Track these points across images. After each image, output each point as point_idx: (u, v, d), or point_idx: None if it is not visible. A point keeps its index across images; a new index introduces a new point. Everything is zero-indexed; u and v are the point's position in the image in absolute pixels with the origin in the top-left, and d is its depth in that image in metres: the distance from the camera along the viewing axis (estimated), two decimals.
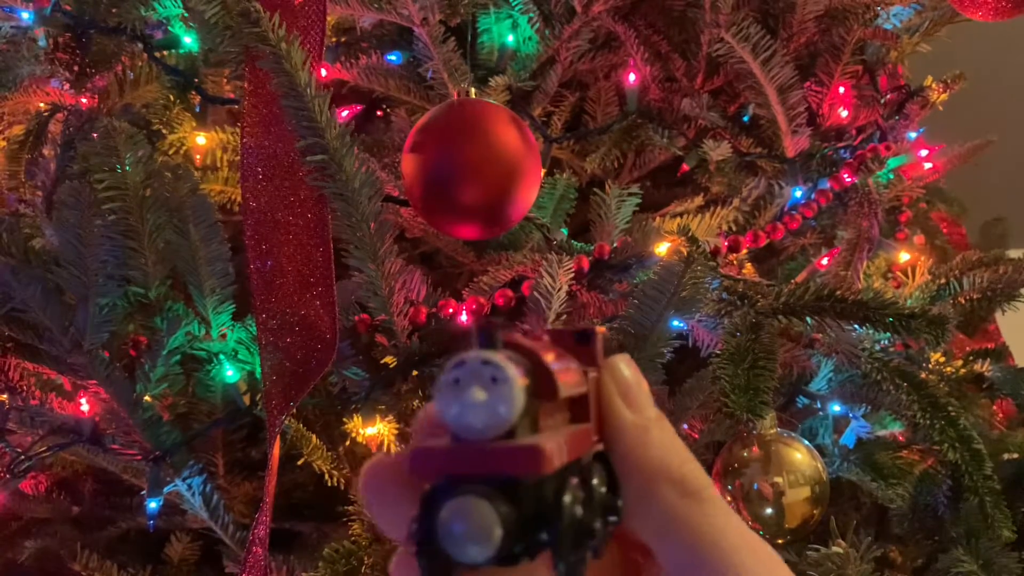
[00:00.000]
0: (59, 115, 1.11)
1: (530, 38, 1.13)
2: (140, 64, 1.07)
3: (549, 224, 1.01)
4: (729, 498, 0.88)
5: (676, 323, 0.89)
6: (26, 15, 1.03)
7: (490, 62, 1.15)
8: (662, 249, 0.93)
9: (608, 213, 1.04)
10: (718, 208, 1.08)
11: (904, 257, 1.26)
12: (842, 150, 1.13)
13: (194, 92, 1.13)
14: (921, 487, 1.01)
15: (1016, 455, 1.08)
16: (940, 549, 0.97)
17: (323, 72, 0.99)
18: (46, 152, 1.12)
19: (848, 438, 1.06)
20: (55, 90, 1.08)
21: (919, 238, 1.37)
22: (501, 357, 0.27)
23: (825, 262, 1.18)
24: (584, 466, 0.30)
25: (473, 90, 0.91)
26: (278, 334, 0.86)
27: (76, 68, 1.03)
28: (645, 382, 0.33)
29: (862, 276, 1.12)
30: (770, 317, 0.85)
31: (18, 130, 1.13)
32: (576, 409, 0.31)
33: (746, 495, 0.87)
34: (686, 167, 1.14)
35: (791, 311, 0.85)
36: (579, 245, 0.97)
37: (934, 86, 1.26)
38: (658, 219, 1.06)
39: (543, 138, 1.09)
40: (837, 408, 1.04)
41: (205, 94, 1.11)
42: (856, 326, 0.86)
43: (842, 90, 1.16)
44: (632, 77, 1.12)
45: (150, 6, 1.01)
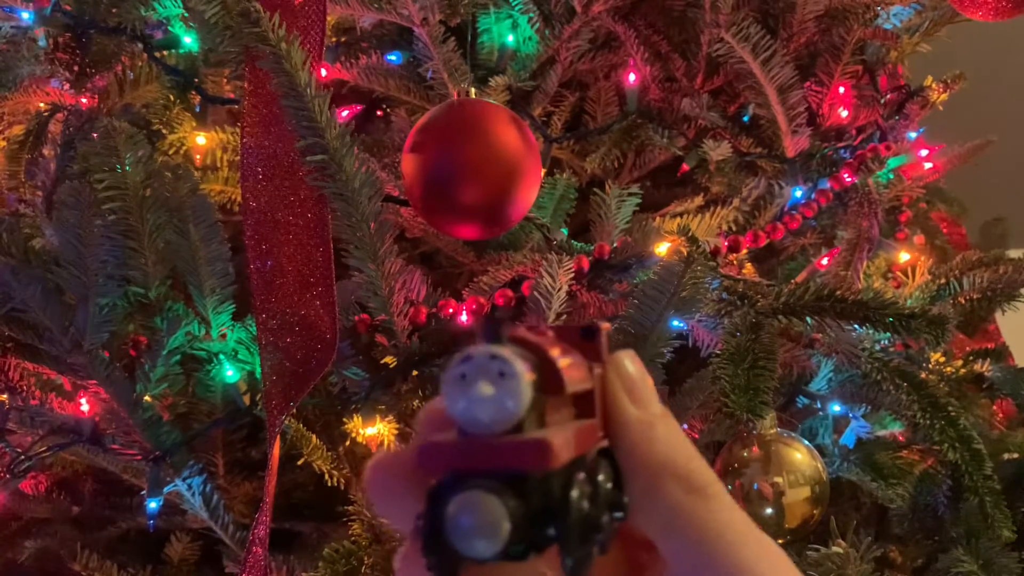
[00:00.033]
0: (59, 115, 1.11)
1: (530, 38, 1.13)
2: (140, 64, 1.06)
3: (549, 224, 1.01)
4: None
5: (676, 323, 0.89)
6: (26, 15, 1.03)
7: (490, 62, 1.15)
8: (662, 249, 0.93)
9: (608, 213, 1.04)
10: (718, 208, 1.08)
11: (904, 257, 1.26)
12: (842, 150, 1.13)
13: (194, 92, 1.12)
14: (921, 487, 1.01)
15: (1016, 455, 1.08)
16: (940, 549, 0.97)
17: (323, 72, 0.99)
18: (46, 152, 1.12)
19: (848, 438, 1.06)
20: (55, 90, 1.08)
21: (919, 238, 1.37)
22: (508, 352, 0.27)
23: (825, 262, 1.18)
24: (590, 462, 0.30)
25: (473, 90, 0.91)
26: (278, 334, 0.85)
27: (76, 68, 1.03)
28: (650, 378, 0.33)
29: (862, 276, 1.12)
30: (770, 317, 0.85)
31: (18, 130, 1.13)
32: (581, 405, 0.31)
33: (746, 495, 0.87)
34: (686, 167, 1.14)
35: (791, 311, 0.85)
36: (579, 245, 0.97)
37: (934, 86, 1.26)
38: (658, 219, 1.06)
39: (543, 138, 1.09)
40: (837, 408, 1.04)
41: (205, 94, 1.11)
42: (856, 326, 0.86)
43: (842, 90, 1.16)
44: (632, 77, 1.12)
45: (150, 6, 1.01)
